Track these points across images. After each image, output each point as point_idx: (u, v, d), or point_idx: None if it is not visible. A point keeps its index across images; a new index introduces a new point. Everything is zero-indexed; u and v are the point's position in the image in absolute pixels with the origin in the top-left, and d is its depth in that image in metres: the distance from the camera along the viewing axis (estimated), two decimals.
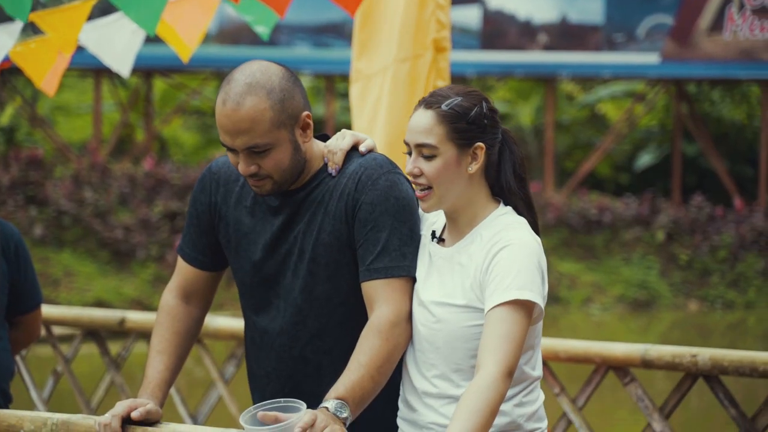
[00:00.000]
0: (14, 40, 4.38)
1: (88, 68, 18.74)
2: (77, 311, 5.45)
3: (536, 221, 2.90)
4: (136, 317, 5.26)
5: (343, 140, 3.04)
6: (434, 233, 2.94)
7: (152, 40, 4.71)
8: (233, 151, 2.90)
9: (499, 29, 19.18)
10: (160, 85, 22.29)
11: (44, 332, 5.09)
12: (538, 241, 2.82)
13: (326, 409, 2.70)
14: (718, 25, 18.52)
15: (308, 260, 2.96)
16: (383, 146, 4.57)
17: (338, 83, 20.45)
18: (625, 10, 18.92)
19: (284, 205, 3.00)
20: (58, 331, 5.60)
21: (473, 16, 18.89)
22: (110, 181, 16.98)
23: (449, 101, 2.82)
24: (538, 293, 2.73)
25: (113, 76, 19.72)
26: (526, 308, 2.71)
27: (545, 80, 19.94)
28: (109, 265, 15.97)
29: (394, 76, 4.70)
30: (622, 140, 21.61)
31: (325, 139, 3.09)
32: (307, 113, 2.94)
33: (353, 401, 2.75)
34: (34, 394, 5.48)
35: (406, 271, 2.90)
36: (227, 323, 5.04)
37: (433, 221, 2.98)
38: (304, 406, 2.67)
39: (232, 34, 18.80)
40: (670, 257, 17.95)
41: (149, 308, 14.61)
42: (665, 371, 4.43)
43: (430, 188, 2.83)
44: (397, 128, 4.55)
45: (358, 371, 2.78)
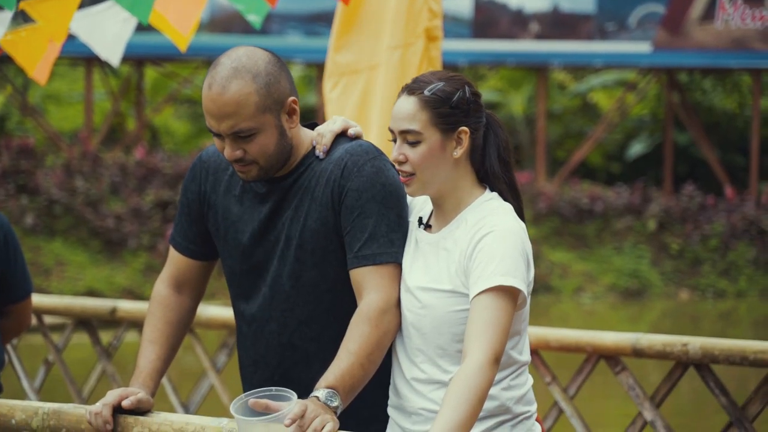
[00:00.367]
0: (5, 28, 4.37)
1: (79, 57, 18.70)
2: (68, 300, 5.44)
3: (521, 206, 2.90)
4: (127, 306, 5.25)
5: (333, 124, 3.04)
6: (421, 219, 2.94)
7: (143, 28, 4.69)
8: (219, 136, 2.89)
9: (490, 18, 19.17)
10: (151, 73, 22.24)
11: (35, 321, 5.08)
12: (522, 227, 2.82)
13: (317, 398, 2.69)
14: (709, 14, 18.53)
15: (295, 247, 2.95)
16: (375, 137, 4.56)
17: None
18: None
19: (271, 192, 3.00)
20: (49, 320, 5.59)
21: (465, 4, 18.87)
22: (101, 170, 16.94)
23: (431, 86, 2.82)
24: (521, 279, 2.73)
25: (104, 64, 19.66)
26: (510, 294, 2.71)
27: (537, 69, 19.93)
28: (100, 254, 15.94)
29: (385, 65, 4.68)
30: (613, 129, 21.62)
31: (314, 127, 3.08)
32: (293, 99, 2.93)
33: (344, 390, 2.74)
34: (25, 383, 5.48)
35: (394, 257, 2.89)
36: (219, 312, 5.04)
37: (421, 208, 2.98)
38: (294, 396, 2.65)
39: (223, 22, 18.77)
40: (661, 246, 17.97)
41: (141, 297, 14.60)
42: (656, 360, 4.43)
43: (413, 174, 2.83)
44: (388, 117, 4.54)
45: (348, 359, 2.77)
